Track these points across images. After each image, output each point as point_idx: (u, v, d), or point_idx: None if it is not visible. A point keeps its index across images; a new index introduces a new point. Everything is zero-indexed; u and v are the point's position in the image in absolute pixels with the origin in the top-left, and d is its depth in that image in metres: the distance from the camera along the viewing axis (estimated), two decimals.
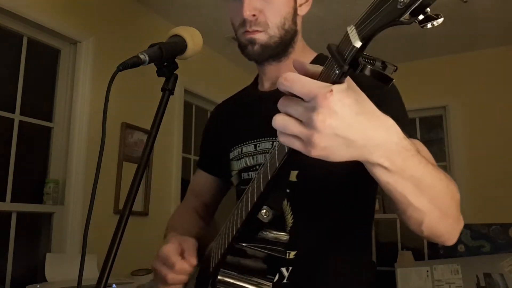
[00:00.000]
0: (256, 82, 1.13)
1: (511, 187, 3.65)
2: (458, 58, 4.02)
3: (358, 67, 0.49)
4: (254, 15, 0.95)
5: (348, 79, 0.53)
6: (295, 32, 1.02)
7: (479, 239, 3.25)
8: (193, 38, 0.90)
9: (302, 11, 1.03)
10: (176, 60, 0.89)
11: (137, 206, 3.02)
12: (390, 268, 3.10)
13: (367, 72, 0.49)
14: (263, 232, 0.80)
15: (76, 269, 0.78)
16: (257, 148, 1.01)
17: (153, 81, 1.11)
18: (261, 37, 0.96)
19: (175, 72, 0.88)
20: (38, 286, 2.14)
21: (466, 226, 3.32)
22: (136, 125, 3.01)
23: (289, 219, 0.94)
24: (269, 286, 0.81)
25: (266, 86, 1.07)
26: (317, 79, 0.54)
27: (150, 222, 3.01)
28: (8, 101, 2.46)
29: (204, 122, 1.35)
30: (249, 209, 0.76)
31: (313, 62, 1.03)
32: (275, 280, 0.84)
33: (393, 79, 0.49)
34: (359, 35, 0.48)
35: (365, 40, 0.48)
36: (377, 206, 4.23)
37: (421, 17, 0.44)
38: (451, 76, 4.05)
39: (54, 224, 2.56)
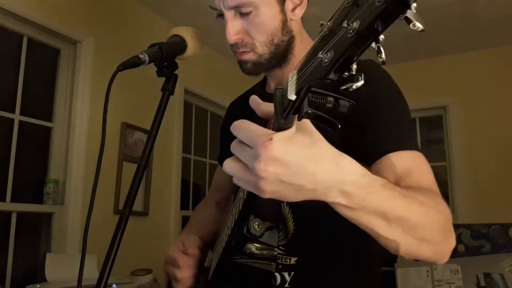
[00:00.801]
0: (264, 81, 1.13)
1: (511, 187, 3.65)
2: (458, 58, 4.02)
3: (300, 115, 0.48)
4: (238, 39, 0.93)
5: (302, 120, 0.51)
6: (290, 40, 0.99)
7: (479, 239, 3.24)
8: (193, 38, 0.90)
9: (296, 15, 1.00)
10: (176, 60, 0.89)
11: (137, 206, 3.02)
12: (390, 268, 3.09)
13: (311, 118, 0.48)
14: (251, 245, 0.79)
15: (76, 269, 0.78)
16: None
17: (153, 81, 1.11)
18: (250, 57, 0.95)
19: (175, 72, 0.88)
20: (38, 286, 2.14)
21: (466, 226, 3.33)
22: (136, 125, 3.01)
23: (291, 226, 0.94)
24: None
25: (272, 87, 1.08)
26: (270, 121, 0.54)
27: (150, 222, 3.01)
28: (8, 101, 2.46)
29: (204, 122, 1.37)
30: (233, 225, 0.79)
31: None
32: (277, 283, 0.87)
33: (338, 125, 0.48)
34: (296, 85, 0.46)
35: (297, 94, 0.46)
36: None
37: (345, 74, 0.43)
38: (451, 76, 4.05)
39: (54, 224, 2.56)
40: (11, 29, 2.45)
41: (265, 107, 0.57)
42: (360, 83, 0.43)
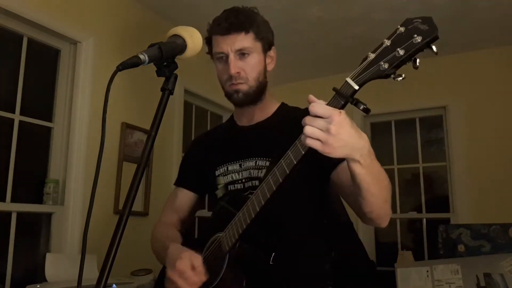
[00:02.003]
0: (233, 119, 1.47)
1: (511, 187, 3.65)
2: (458, 58, 4.02)
3: (353, 101, 0.88)
4: (238, 72, 1.28)
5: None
6: (265, 84, 1.35)
7: (479, 239, 3.24)
8: (193, 38, 0.90)
9: (269, 67, 1.38)
10: (176, 60, 0.89)
11: (137, 206, 3.01)
12: (390, 268, 3.09)
13: (358, 105, 0.88)
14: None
15: (76, 269, 0.78)
16: (242, 166, 1.33)
17: (153, 81, 1.11)
18: (243, 88, 1.30)
19: (175, 72, 0.88)
20: (38, 286, 2.13)
21: (466, 226, 3.33)
22: (136, 125, 3.01)
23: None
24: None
25: (244, 122, 1.41)
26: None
27: (150, 222, 3.00)
28: (8, 101, 2.46)
29: (204, 122, 1.53)
30: (268, 195, 1.03)
31: (280, 107, 1.42)
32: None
33: (370, 110, 0.87)
34: (356, 83, 0.88)
35: (360, 86, 0.88)
36: None
37: (392, 76, 0.87)
38: (451, 76, 4.05)
39: (54, 224, 2.56)
40: (11, 29, 2.44)
41: (320, 100, 0.88)
42: (402, 77, 0.87)
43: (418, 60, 0.87)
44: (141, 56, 0.80)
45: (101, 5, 2.90)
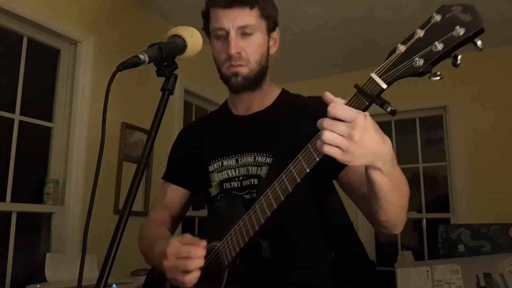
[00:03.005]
0: (226, 107, 1.31)
1: (511, 187, 3.64)
2: None
3: (380, 101, 0.76)
4: (239, 52, 1.13)
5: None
6: (266, 68, 1.21)
7: (479, 239, 3.24)
8: (192, 38, 0.90)
9: (272, 50, 1.23)
10: (176, 60, 0.89)
11: (137, 206, 3.01)
12: (390, 268, 3.09)
13: (385, 107, 0.76)
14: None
15: (76, 269, 0.78)
16: (239, 162, 1.19)
17: (153, 81, 1.11)
18: (243, 70, 1.15)
19: (175, 72, 0.88)
20: (38, 286, 2.13)
21: (466, 226, 3.33)
22: (136, 125, 3.01)
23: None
24: None
25: (240, 111, 1.26)
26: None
27: None
28: (8, 101, 2.46)
29: None
30: (275, 206, 0.92)
31: (281, 95, 1.27)
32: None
33: (396, 111, 0.77)
34: (384, 81, 0.75)
35: (389, 84, 0.76)
36: None
37: (428, 74, 0.74)
38: (451, 76, 4.02)
39: (54, 224, 2.56)
40: (11, 29, 2.44)
41: (338, 99, 0.77)
42: (440, 77, 0.74)
43: (459, 57, 0.73)
44: (141, 56, 0.80)
45: (101, 5, 2.90)
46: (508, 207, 3.57)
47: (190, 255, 0.96)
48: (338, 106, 0.75)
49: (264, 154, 1.15)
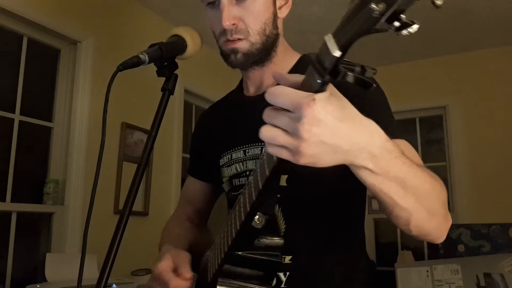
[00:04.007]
0: (241, 86, 1.13)
1: (511, 187, 3.64)
2: (458, 58, 4.02)
3: (339, 75, 0.50)
4: (234, 24, 0.93)
5: (330, 86, 0.54)
6: (276, 36, 1.00)
7: (479, 239, 3.24)
8: (193, 38, 0.90)
9: (282, 13, 1.01)
10: (176, 60, 0.89)
11: (137, 206, 3.01)
12: (390, 268, 3.09)
13: (348, 79, 0.50)
14: (258, 239, 0.80)
15: (76, 269, 0.78)
16: (247, 154, 1.00)
17: (153, 81, 1.11)
18: (243, 45, 0.95)
19: (175, 72, 0.88)
20: (38, 286, 2.14)
21: (466, 226, 3.33)
22: (136, 125, 3.01)
23: (282, 225, 0.93)
24: None
25: (251, 91, 1.07)
26: (299, 89, 0.55)
27: (150, 222, 3.01)
28: (8, 101, 2.46)
29: None
30: (242, 218, 0.76)
31: (297, 64, 1.03)
32: (273, 285, 0.85)
33: (372, 84, 0.50)
34: (337, 44, 0.49)
35: (344, 49, 0.49)
36: (377, 206, 4.23)
37: (396, 24, 0.45)
38: (451, 76, 4.05)
39: (54, 224, 2.56)
40: (11, 29, 2.44)
41: (291, 77, 0.57)
42: (416, 26, 0.45)
43: None
44: (142, 56, 0.80)
45: (101, 5, 2.90)
46: (508, 207, 3.58)
47: (169, 285, 0.87)
48: (277, 90, 0.55)
49: None
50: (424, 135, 4.24)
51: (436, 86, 4.07)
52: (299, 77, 0.57)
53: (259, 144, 0.98)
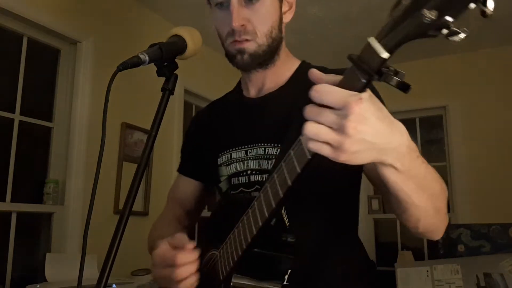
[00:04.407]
0: (239, 88, 1.15)
1: (511, 187, 3.65)
2: (458, 58, 4.02)
3: (382, 76, 0.54)
4: (243, 25, 0.96)
5: (368, 89, 0.57)
6: (281, 40, 1.03)
7: (479, 239, 3.24)
8: (193, 38, 0.90)
9: (287, 18, 1.05)
10: (176, 60, 0.89)
11: (137, 206, 3.01)
12: (390, 268, 3.09)
13: (391, 82, 0.54)
14: (280, 237, 0.83)
15: (76, 269, 0.78)
16: (248, 154, 1.02)
17: (153, 81, 1.11)
18: (250, 46, 0.98)
19: (175, 72, 0.88)
20: (38, 286, 2.13)
21: (466, 226, 3.32)
22: (136, 125, 3.01)
23: (286, 223, 0.95)
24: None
25: (252, 93, 1.09)
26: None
27: (150, 222, 2.98)
28: (8, 101, 2.46)
29: None
30: (266, 215, 0.77)
31: (298, 69, 1.08)
32: (284, 283, 0.86)
33: (410, 87, 0.55)
34: (384, 47, 0.52)
35: (391, 52, 0.53)
36: (377, 206, 4.22)
37: (445, 31, 0.49)
38: (451, 76, 4.05)
39: (54, 224, 2.56)
40: (11, 29, 2.44)
41: (329, 77, 0.59)
42: (463, 35, 0.50)
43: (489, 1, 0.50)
44: (142, 56, 0.80)
45: (101, 5, 2.90)
46: (508, 207, 3.58)
47: (177, 262, 0.85)
48: (323, 88, 0.57)
49: (275, 145, 0.97)
50: (424, 135, 4.24)
51: (436, 86, 4.07)
52: (336, 77, 0.59)
53: (262, 144, 0.99)
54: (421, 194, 0.68)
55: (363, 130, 0.55)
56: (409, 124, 4.28)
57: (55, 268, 2.29)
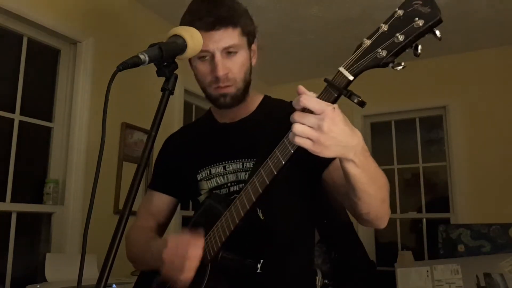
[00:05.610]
0: (211, 115, 1.34)
1: (511, 187, 3.65)
2: (458, 58, 4.02)
3: (348, 93, 0.79)
4: (225, 74, 1.13)
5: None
6: (250, 81, 1.23)
7: (479, 239, 3.25)
8: (193, 38, 0.90)
9: (254, 62, 1.24)
10: (176, 60, 0.89)
11: (137, 206, 3.01)
12: (390, 268, 3.09)
13: (354, 99, 0.78)
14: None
15: (76, 269, 0.78)
16: (227, 169, 1.21)
17: (153, 81, 1.11)
18: (231, 91, 1.16)
19: (175, 72, 0.88)
20: (38, 286, 2.13)
21: (466, 226, 3.33)
22: (136, 125, 3.01)
23: (260, 217, 1.15)
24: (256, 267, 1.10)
25: (226, 120, 1.28)
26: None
27: None
28: (8, 101, 2.46)
29: None
30: (253, 199, 0.95)
31: (263, 101, 1.29)
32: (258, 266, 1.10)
33: (365, 103, 0.78)
34: (351, 73, 0.79)
35: (356, 76, 0.80)
36: None
37: (391, 65, 0.79)
38: (451, 76, 4.05)
39: (54, 224, 2.56)
40: (11, 29, 2.44)
41: (310, 93, 0.80)
42: (401, 67, 0.79)
43: (420, 47, 0.78)
44: (142, 56, 0.80)
45: (101, 5, 2.90)
46: (508, 207, 3.58)
47: (188, 255, 0.99)
48: (308, 98, 0.78)
49: (251, 160, 1.18)
50: (424, 135, 4.24)
51: (436, 86, 4.07)
52: (314, 94, 0.81)
53: (240, 160, 1.20)
54: (373, 185, 0.90)
55: (334, 130, 0.76)
56: (409, 124, 4.28)
57: (55, 268, 2.29)
